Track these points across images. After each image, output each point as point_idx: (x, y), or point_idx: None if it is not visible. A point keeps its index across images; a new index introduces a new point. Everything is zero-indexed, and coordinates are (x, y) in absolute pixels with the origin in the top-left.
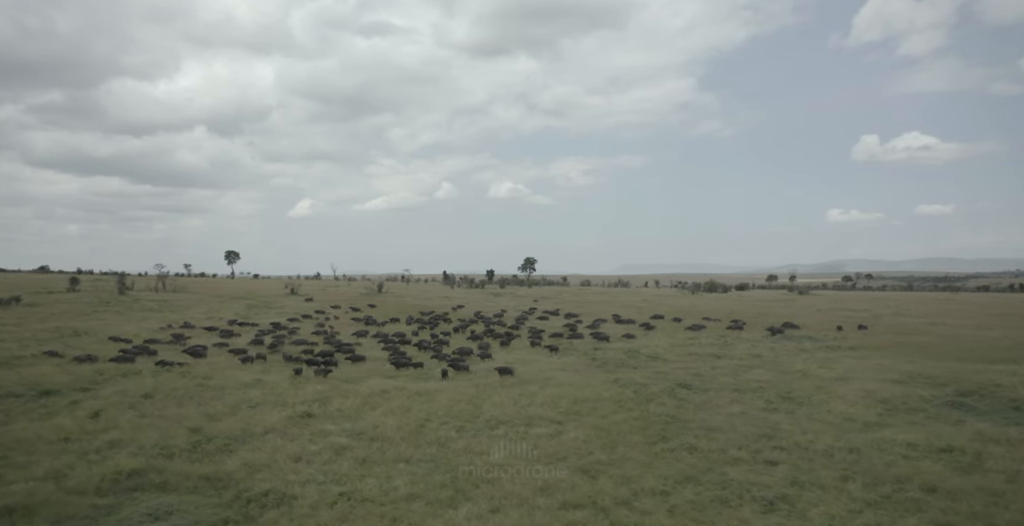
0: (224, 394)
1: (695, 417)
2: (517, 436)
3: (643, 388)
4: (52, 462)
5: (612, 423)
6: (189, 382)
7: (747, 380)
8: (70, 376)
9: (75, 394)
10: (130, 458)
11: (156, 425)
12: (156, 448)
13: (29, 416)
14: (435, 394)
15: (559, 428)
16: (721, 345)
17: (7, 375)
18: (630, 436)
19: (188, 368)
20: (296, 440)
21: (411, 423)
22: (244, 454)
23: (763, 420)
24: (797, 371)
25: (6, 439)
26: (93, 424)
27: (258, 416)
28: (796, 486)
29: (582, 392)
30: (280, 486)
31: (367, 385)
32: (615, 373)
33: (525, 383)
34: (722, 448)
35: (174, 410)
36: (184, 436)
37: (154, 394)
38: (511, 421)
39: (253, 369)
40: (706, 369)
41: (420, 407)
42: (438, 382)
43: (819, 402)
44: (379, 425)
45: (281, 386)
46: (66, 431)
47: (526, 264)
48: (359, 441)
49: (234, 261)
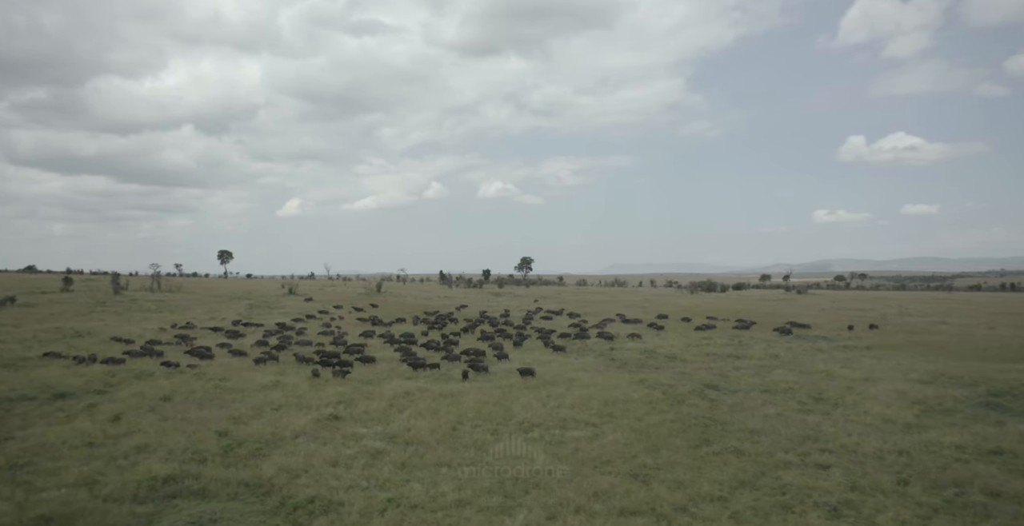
0: (244, 396)
1: (732, 419)
2: (554, 439)
3: (671, 389)
4: (81, 468)
5: (648, 426)
6: (206, 384)
7: (773, 381)
8: (82, 378)
9: (90, 397)
10: (162, 463)
11: (181, 429)
12: (187, 453)
13: (47, 420)
14: (460, 396)
15: (596, 431)
16: (737, 345)
17: (17, 377)
18: (671, 439)
19: (202, 370)
20: (329, 444)
21: (443, 426)
22: (279, 458)
23: (802, 422)
24: (821, 371)
25: (29, 444)
26: (115, 428)
27: (284, 419)
28: (856, 491)
29: (610, 394)
30: (324, 492)
31: (388, 387)
32: (638, 374)
33: (549, 384)
34: (768, 451)
35: (196, 413)
36: (213, 440)
37: (172, 397)
38: (544, 423)
39: (268, 370)
40: (728, 369)
41: (448, 409)
42: (459, 383)
43: (853, 403)
44: (411, 428)
45: (300, 388)
46: (89, 435)
47: (523, 264)
48: (394, 445)
49: (227, 261)
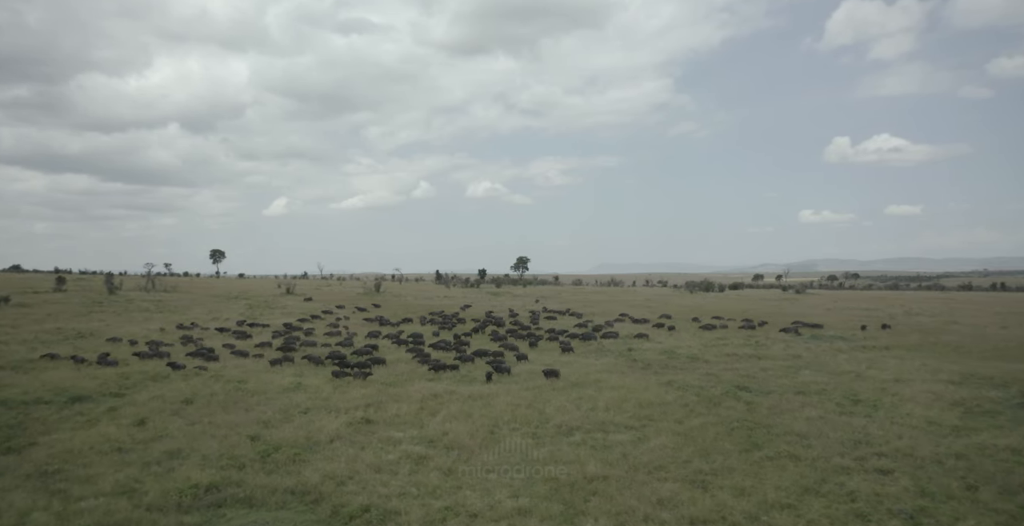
0: (267, 399)
1: (774, 422)
2: (598, 443)
3: (702, 391)
4: (115, 475)
5: (690, 429)
6: (225, 386)
7: (803, 382)
8: (95, 380)
9: (108, 400)
10: (199, 470)
11: (210, 433)
12: (222, 459)
13: (68, 424)
14: (490, 398)
15: (639, 434)
16: (755, 345)
17: (27, 380)
18: (719, 443)
19: (218, 371)
20: (367, 448)
21: (480, 430)
22: (320, 464)
23: (847, 425)
24: (848, 372)
25: (56, 450)
26: (142, 432)
27: (315, 422)
28: (926, 497)
29: (642, 396)
30: (376, 500)
31: (413, 389)
32: (664, 375)
33: (577, 386)
34: (822, 456)
35: (223, 417)
36: (247, 445)
37: (194, 400)
38: (583, 427)
39: (285, 372)
40: (754, 371)
41: (481, 412)
42: (484, 385)
43: (891, 405)
44: (448, 432)
45: (323, 390)
46: (116, 440)
47: (519, 263)
48: (434, 449)
49: (219, 260)
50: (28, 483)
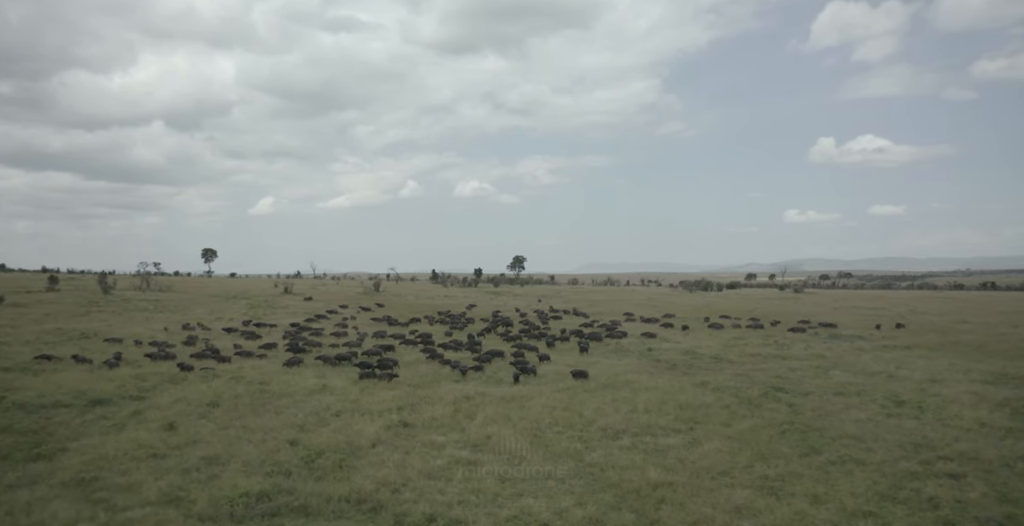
0: (296, 402)
1: (824, 424)
2: (650, 447)
3: (739, 392)
4: (156, 482)
5: (740, 432)
6: (248, 388)
7: (838, 383)
8: (112, 383)
9: (129, 403)
10: (244, 477)
11: (246, 438)
12: (265, 465)
13: (94, 428)
14: (525, 400)
15: (689, 438)
16: (775, 345)
17: (40, 383)
18: (774, 447)
19: (236, 373)
20: (412, 453)
21: (523, 433)
22: (369, 471)
23: (899, 427)
24: (879, 372)
25: (89, 456)
26: (174, 437)
27: (352, 426)
28: (1009, 503)
29: (679, 397)
30: (439, 509)
31: (442, 391)
32: (694, 376)
33: (609, 387)
34: (886, 460)
35: (254, 420)
36: (287, 450)
37: (219, 402)
38: (628, 430)
39: (305, 373)
40: (782, 371)
41: (519, 415)
42: (512, 387)
43: (936, 407)
44: (491, 436)
45: (350, 392)
46: (149, 446)
47: (515, 263)
48: (482, 454)
49: (211, 259)
50: (67, 492)
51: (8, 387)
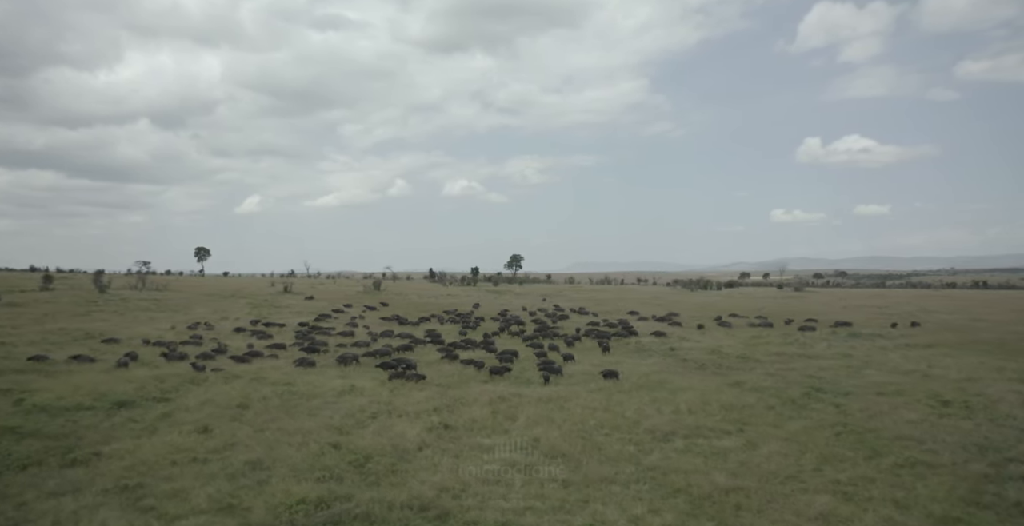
0: (327, 403)
1: (876, 426)
2: (705, 450)
3: (779, 392)
4: (204, 489)
5: (794, 434)
6: (274, 389)
7: (875, 382)
8: (131, 384)
9: (154, 405)
10: (295, 483)
11: (285, 441)
12: (314, 470)
13: (124, 432)
14: (563, 402)
15: (743, 440)
16: (798, 344)
17: (57, 384)
18: (834, 449)
19: (258, 373)
20: (461, 457)
21: (571, 435)
22: (422, 475)
23: (954, 428)
24: (912, 371)
25: (127, 462)
26: (210, 441)
27: (393, 428)
28: None
29: (719, 398)
30: (509, 517)
31: (474, 391)
32: (726, 376)
33: (644, 388)
34: (955, 462)
35: (289, 422)
36: (333, 454)
37: (248, 404)
38: (678, 432)
39: (329, 373)
40: (813, 370)
41: (560, 417)
42: (544, 387)
43: (984, 407)
44: (538, 438)
45: (380, 393)
46: (187, 450)
47: (512, 261)
48: (535, 458)
49: (204, 258)
50: (112, 499)
51: (24, 389)
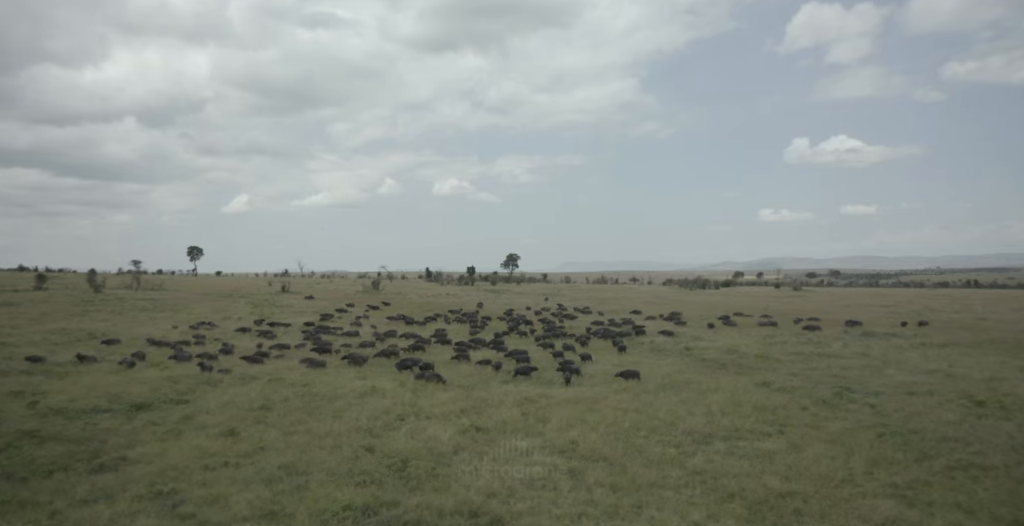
0: (350, 405)
1: (918, 427)
2: (749, 452)
3: (809, 393)
4: (242, 495)
5: (836, 435)
6: (294, 391)
7: (901, 382)
8: (144, 386)
9: (173, 407)
10: (335, 488)
11: (315, 444)
12: (352, 474)
13: (147, 435)
14: (592, 403)
15: (784, 442)
16: (814, 343)
17: (68, 386)
18: (881, 451)
19: (274, 374)
20: (500, 460)
21: (608, 438)
22: (465, 479)
23: (996, 429)
24: (934, 371)
25: (157, 466)
26: (238, 444)
27: (424, 431)
28: None
29: (749, 398)
30: (564, 523)
31: (497, 392)
32: (750, 376)
33: (669, 388)
34: (1007, 464)
35: (316, 425)
36: (368, 458)
37: (270, 406)
38: (716, 434)
39: (347, 374)
40: (836, 370)
41: (591, 418)
42: (569, 388)
43: (1020, 407)
44: (575, 441)
45: (402, 394)
46: (216, 454)
47: (509, 261)
48: (577, 461)
49: (197, 257)
50: (148, 506)
51: (36, 391)
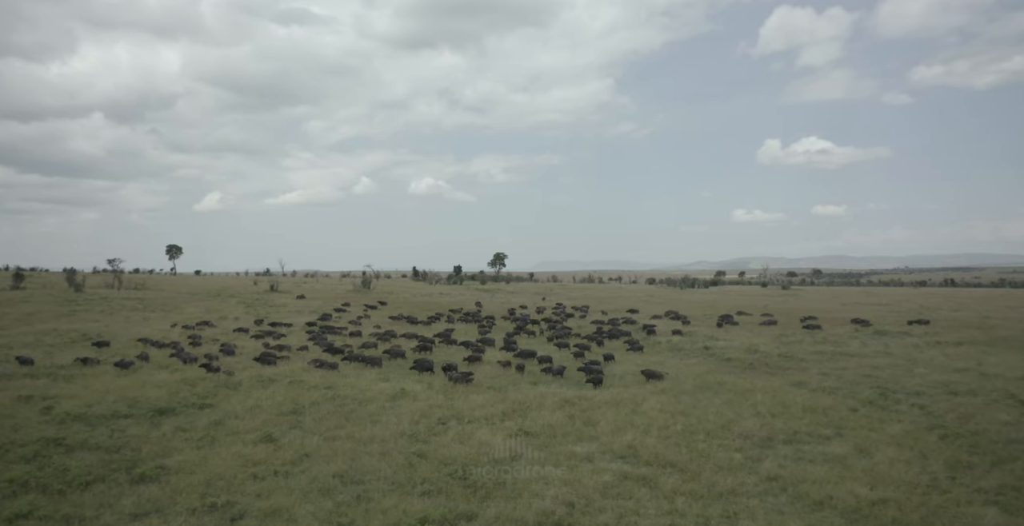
0: (384, 408)
1: (977, 428)
2: (817, 456)
3: (851, 393)
4: (304, 506)
5: (897, 438)
6: (320, 394)
7: (937, 381)
8: (160, 389)
9: (197, 412)
10: (398, 498)
11: (362, 450)
12: (412, 483)
13: (181, 442)
14: (635, 405)
15: (849, 445)
16: (831, 342)
17: (78, 390)
18: (953, 454)
19: (294, 376)
20: (562, 467)
21: (668, 442)
22: (535, 488)
23: None
24: (965, 369)
25: (202, 475)
26: (280, 451)
27: (472, 436)
28: None
29: (793, 399)
30: None
31: (531, 394)
32: (782, 376)
33: (706, 389)
34: None
35: (355, 430)
36: (424, 465)
37: (299, 410)
38: (774, 437)
39: (367, 376)
40: (866, 369)
41: (638, 421)
42: (599, 390)
43: None
44: (633, 445)
45: (434, 397)
46: (261, 462)
47: (496, 260)
48: (644, 467)
49: (176, 256)
50: (206, 520)
51: (45, 395)
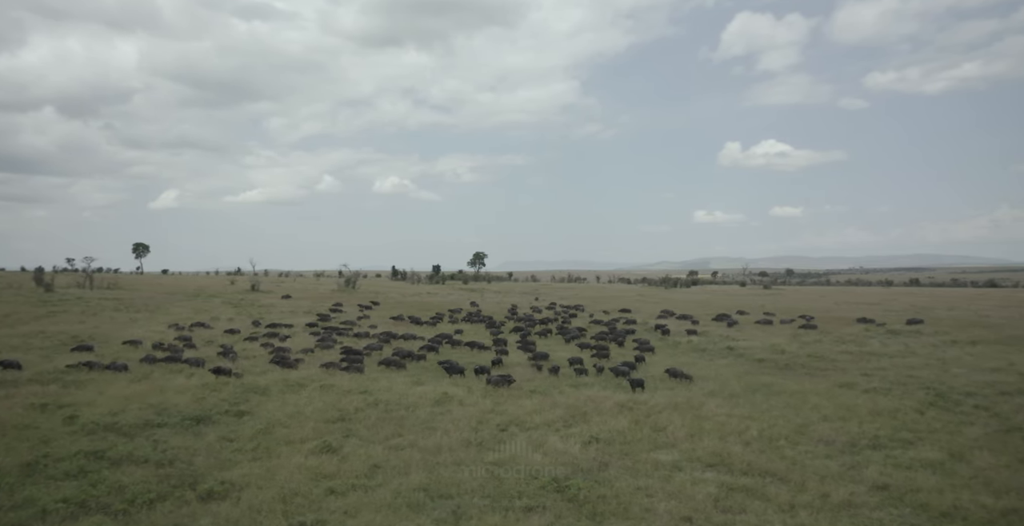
0: (436, 415)
1: None
2: (914, 463)
3: (906, 395)
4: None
5: (983, 442)
6: (360, 399)
7: (981, 381)
8: (184, 395)
9: (234, 420)
10: (502, 516)
11: (434, 460)
12: (507, 497)
13: (232, 453)
14: (693, 409)
15: (941, 451)
16: (852, 341)
17: (95, 396)
18: None
19: (324, 380)
20: (656, 478)
21: (753, 449)
22: (641, 501)
23: None
24: (998, 369)
25: (275, 491)
26: (345, 463)
27: (545, 444)
28: None
29: (853, 401)
30: None
31: (579, 398)
32: (824, 378)
33: (756, 392)
34: None
35: (415, 438)
36: (509, 477)
37: (346, 418)
38: (856, 442)
39: (399, 379)
40: (904, 369)
41: (710, 426)
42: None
43: None
44: (717, 452)
45: (479, 401)
46: (330, 475)
47: (476, 259)
48: (742, 477)
49: (143, 255)
50: None
51: (61, 403)
